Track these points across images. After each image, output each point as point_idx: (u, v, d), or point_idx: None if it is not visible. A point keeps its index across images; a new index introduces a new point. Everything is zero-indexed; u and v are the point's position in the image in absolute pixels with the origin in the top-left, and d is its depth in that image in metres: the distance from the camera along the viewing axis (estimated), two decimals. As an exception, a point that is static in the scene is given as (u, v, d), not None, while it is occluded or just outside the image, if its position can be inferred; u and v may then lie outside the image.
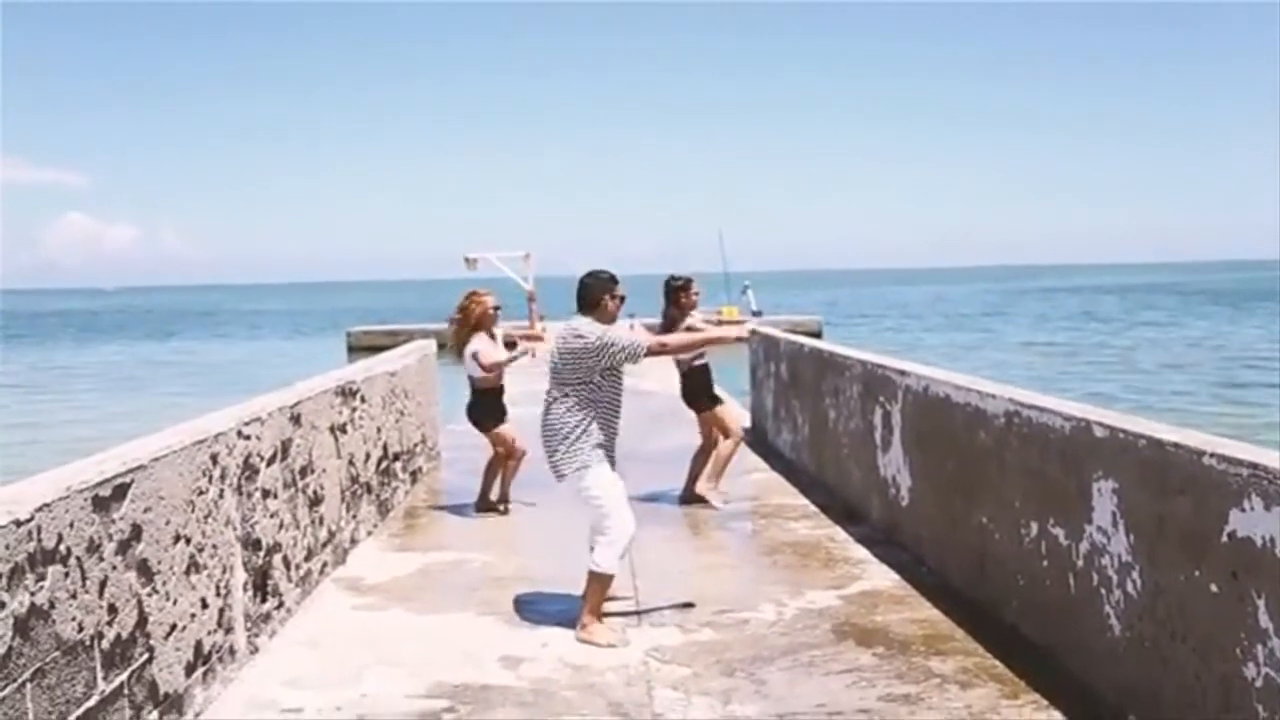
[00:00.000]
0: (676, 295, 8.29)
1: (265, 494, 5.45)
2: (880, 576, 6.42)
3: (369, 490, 7.75)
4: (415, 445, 9.57)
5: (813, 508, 8.32)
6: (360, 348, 33.98)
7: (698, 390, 8.55)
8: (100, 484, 3.69)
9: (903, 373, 7.05)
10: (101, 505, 3.69)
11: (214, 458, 4.76)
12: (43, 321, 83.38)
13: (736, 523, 8.00)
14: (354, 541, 7.25)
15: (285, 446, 5.80)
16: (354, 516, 7.28)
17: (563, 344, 5.45)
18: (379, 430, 8.16)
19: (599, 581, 5.44)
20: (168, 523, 4.23)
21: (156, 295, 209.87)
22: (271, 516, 5.53)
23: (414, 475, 9.46)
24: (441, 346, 10.64)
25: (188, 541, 4.43)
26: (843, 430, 8.47)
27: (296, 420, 6.02)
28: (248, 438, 5.21)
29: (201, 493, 4.61)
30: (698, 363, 8.47)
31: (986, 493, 5.63)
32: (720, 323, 10.89)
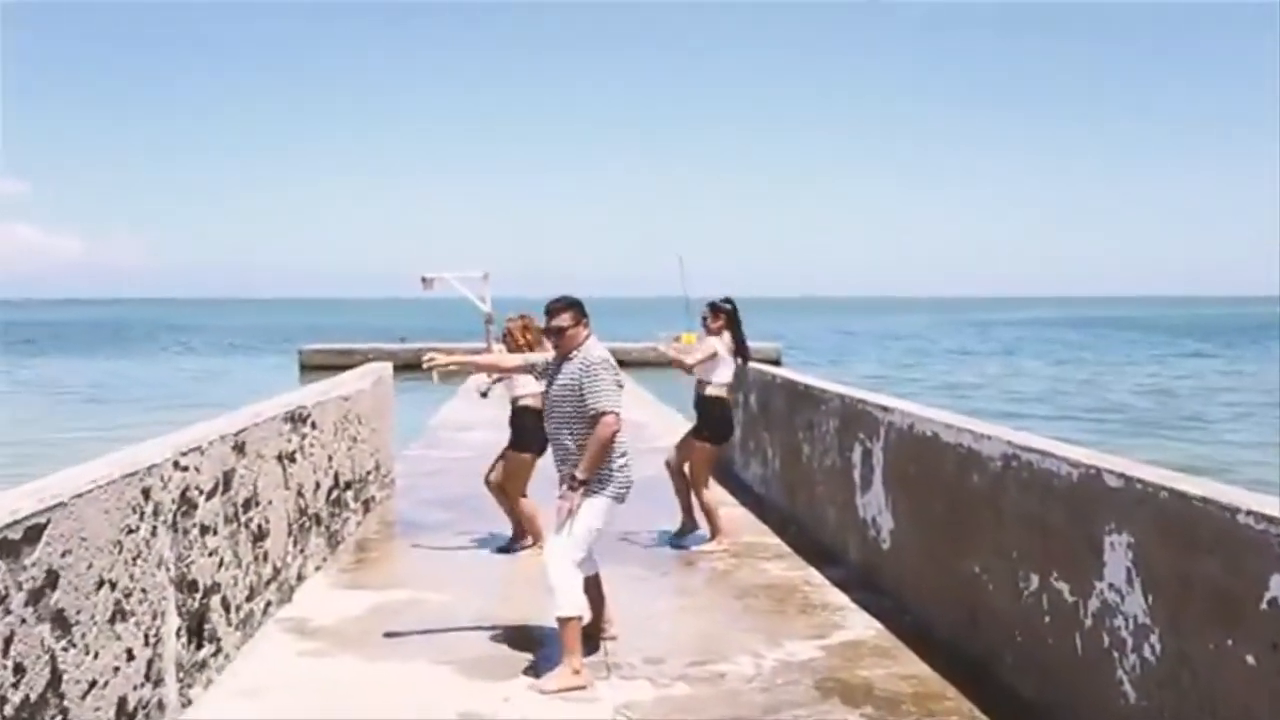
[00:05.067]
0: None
1: (204, 530, 4.99)
2: (862, 625, 6.08)
3: (318, 522, 7.27)
4: (368, 473, 9.10)
5: (786, 547, 7.96)
6: (312, 366, 33.29)
7: (726, 421, 8.24)
8: (9, 526, 3.24)
9: (885, 409, 6.74)
10: (10, 550, 3.24)
11: (146, 492, 4.31)
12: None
13: (706, 562, 7.61)
14: (301, 578, 6.77)
15: (228, 478, 5.34)
16: (301, 551, 6.81)
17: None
18: (330, 458, 7.70)
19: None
20: (89, 566, 3.78)
21: (88, 309, 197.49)
22: (210, 555, 5.07)
23: (366, 505, 8.99)
24: (403, 369, 10.14)
25: (113, 586, 3.97)
26: (818, 466, 8.14)
27: (240, 449, 5.56)
28: (185, 469, 4.76)
29: (131, 531, 4.15)
30: (718, 392, 8.07)
31: (980, 540, 5.31)
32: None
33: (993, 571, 5.17)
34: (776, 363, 28.57)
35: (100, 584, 3.86)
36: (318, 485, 7.31)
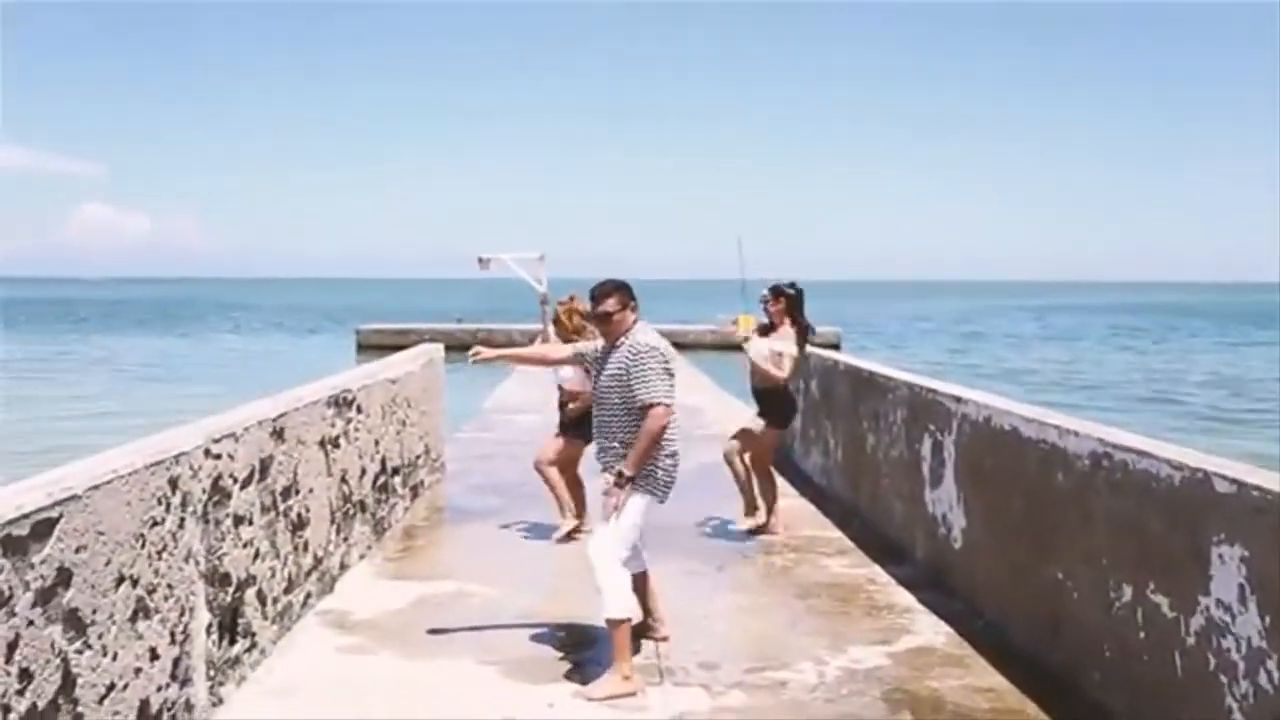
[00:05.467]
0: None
1: (238, 521, 4.76)
2: (931, 630, 5.69)
3: (363, 509, 7.04)
4: (417, 458, 8.87)
5: (848, 542, 7.58)
6: (370, 346, 33.39)
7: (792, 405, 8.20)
8: (14, 521, 2.99)
9: (958, 399, 6.32)
10: (15, 548, 3.00)
11: (173, 482, 4.07)
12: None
13: (764, 557, 7.26)
14: (344, 567, 6.55)
15: (264, 465, 5.10)
16: (345, 539, 6.58)
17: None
18: (377, 443, 7.47)
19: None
20: (108, 563, 3.54)
21: (153, 287, 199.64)
22: (244, 546, 4.84)
23: (414, 490, 8.77)
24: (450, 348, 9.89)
25: (134, 583, 3.73)
26: (883, 458, 7.74)
27: (279, 435, 5.33)
28: (218, 457, 4.52)
29: (156, 524, 3.91)
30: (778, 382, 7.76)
31: (1065, 544, 4.90)
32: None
33: (1079, 579, 4.76)
34: (836, 347, 27.99)
35: (120, 580, 3.63)
36: (363, 471, 7.07)
